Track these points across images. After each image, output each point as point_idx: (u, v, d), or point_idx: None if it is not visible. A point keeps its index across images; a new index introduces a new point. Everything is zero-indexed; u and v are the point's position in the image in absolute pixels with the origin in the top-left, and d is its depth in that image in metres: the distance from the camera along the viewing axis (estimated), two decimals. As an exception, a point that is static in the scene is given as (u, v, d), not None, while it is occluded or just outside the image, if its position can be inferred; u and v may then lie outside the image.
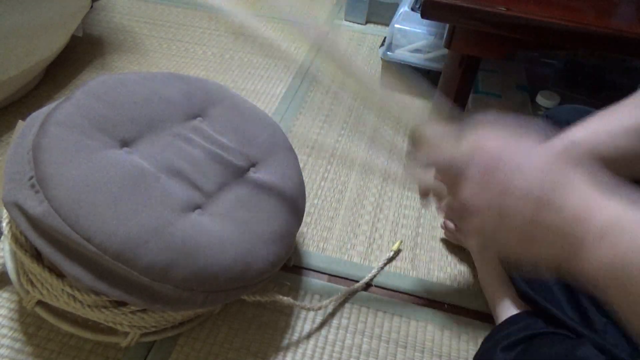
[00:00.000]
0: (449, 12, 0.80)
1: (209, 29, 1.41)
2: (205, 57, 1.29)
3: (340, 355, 0.71)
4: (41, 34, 0.98)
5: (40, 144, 0.58)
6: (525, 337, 0.59)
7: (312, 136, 1.09)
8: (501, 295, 0.71)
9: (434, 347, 0.73)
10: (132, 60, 1.25)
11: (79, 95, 0.65)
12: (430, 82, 1.19)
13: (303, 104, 1.18)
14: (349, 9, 1.50)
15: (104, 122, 0.63)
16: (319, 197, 0.95)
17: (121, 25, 1.39)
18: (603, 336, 0.55)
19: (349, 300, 0.78)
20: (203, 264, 0.57)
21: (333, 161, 1.03)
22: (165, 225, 0.57)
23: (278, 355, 0.70)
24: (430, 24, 1.19)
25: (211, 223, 0.61)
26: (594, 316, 0.56)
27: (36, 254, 0.61)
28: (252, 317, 0.74)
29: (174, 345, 0.69)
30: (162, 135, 0.66)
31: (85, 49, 1.27)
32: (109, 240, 0.54)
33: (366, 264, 0.84)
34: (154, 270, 0.55)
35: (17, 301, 0.72)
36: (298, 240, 0.86)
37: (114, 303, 0.60)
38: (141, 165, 0.61)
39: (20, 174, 0.57)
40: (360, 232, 0.89)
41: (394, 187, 0.98)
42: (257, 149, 0.72)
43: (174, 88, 0.72)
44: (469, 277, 0.83)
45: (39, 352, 0.67)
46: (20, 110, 1.06)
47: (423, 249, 0.87)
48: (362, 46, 1.41)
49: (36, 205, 0.54)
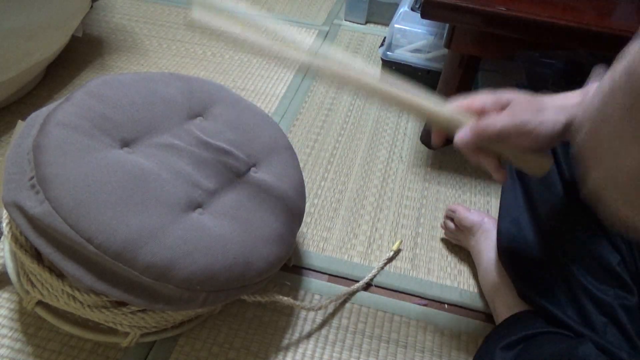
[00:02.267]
0: (449, 12, 0.80)
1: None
2: (205, 57, 1.29)
3: (340, 355, 0.71)
4: (41, 34, 0.98)
5: (40, 144, 0.58)
6: (525, 336, 0.59)
7: (312, 136, 1.09)
8: (501, 295, 0.71)
9: (434, 347, 0.73)
10: (132, 60, 1.25)
11: (79, 95, 0.65)
12: (430, 82, 1.19)
13: (303, 104, 1.18)
14: (349, 9, 1.50)
15: (104, 122, 0.63)
16: (319, 197, 0.95)
17: (121, 25, 1.39)
18: (603, 336, 0.55)
19: (349, 300, 0.78)
20: (203, 263, 0.57)
21: (333, 161, 1.03)
22: (165, 225, 0.57)
23: (278, 355, 0.70)
24: (430, 24, 1.19)
25: (211, 223, 0.61)
26: (594, 316, 0.56)
27: (36, 254, 0.61)
28: (252, 317, 0.74)
29: (174, 345, 0.69)
30: (162, 135, 0.66)
31: (85, 49, 1.27)
32: (110, 240, 0.54)
33: (366, 264, 0.84)
34: (154, 270, 0.55)
35: (17, 301, 0.72)
36: (298, 240, 0.86)
37: (114, 303, 0.60)
38: (141, 165, 0.61)
39: (20, 174, 0.57)
40: (360, 232, 0.89)
41: (394, 187, 0.98)
42: (257, 149, 0.72)
43: (174, 88, 0.72)
44: (469, 277, 0.83)
45: (39, 352, 0.67)
46: (20, 110, 1.06)
47: (423, 249, 0.87)
48: (362, 46, 1.41)
49: (36, 205, 0.54)
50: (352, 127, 1.12)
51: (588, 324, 0.56)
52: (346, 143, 1.08)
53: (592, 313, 0.57)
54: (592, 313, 0.56)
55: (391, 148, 1.08)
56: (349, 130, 1.11)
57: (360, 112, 1.17)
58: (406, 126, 1.14)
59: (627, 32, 0.75)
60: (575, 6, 0.80)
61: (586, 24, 0.75)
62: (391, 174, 1.02)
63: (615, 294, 0.56)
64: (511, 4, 0.78)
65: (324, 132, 1.10)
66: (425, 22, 1.19)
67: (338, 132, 1.11)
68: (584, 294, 0.58)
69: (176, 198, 0.60)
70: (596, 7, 0.81)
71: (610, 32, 0.75)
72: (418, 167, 1.04)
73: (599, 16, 0.78)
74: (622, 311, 0.55)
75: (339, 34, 1.45)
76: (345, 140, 1.09)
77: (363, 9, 1.49)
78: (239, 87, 1.20)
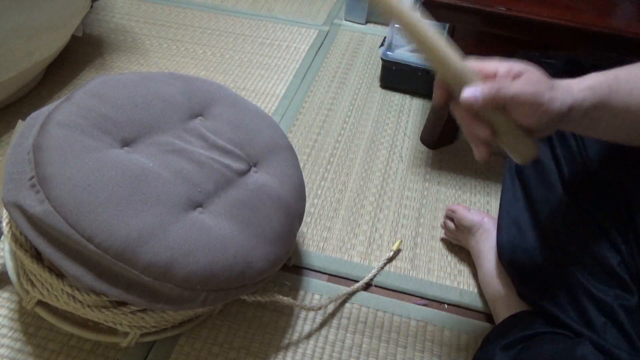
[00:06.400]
0: (449, 12, 0.80)
1: (209, 29, 1.41)
2: (205, 57, 1.29)
3: (340, 355, 0.71)
4: (41, 34, 0.98)
5: (40, 144, 0.58)
6: (524, 336, 0.59)
7: (312, 136, 1.09)
8: (501, 295, 0.71)
9: (434, 347, 0.73)
10: (132, 60, 1.25)
11: (79, 95, 0.65)
12: (430, 82, 1.19)
13: (303, 104, 1.18)
14: (349, 9, 1.50)
15: (104, 122, 0.63)
16: (319, 197, 0.95)
17: (121, 25, 1.39)
18: (603, 336, 0.55)
19: (349, 300, 0.78)
20: (203, 263, 0.57)
21: (333, 161, 1.03)
22: (165, 224, 0.57)
23: (278, 355, 0.70)
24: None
25: (212, 222, 0.61)
26: (593, 316, 0.56)
27: (36, 254, 0.61)
28: (252, 317, 0.74)
29: (174, 345, 0.69)
30: (162, 135, 0.66)
31: (85, 49, 1.27)
32: (110, 239, 0.54)
33: (366, 263, 0.84)
34: (154, 269, 0.55)
35: (17, 301, 0.72)
36: (298, 240, 0.86)
37: (114, 303, 0.60)
38: (142, 165, 0.61)
39: (20, 174, 0.57)
40: (360, 232, 0.89)
41: (394, 187, 0.98)
42: (257, 149, 0.72)
43: (174, 88, 0.72)
44: (469, 277, 0.83)
45: (39, 352, 0.67)
46: (20, 110, 1.06)
47: (423, 249, 0.87)
48: (362, 46, 1.41)
49: (36, 205, 0.54)
50: (352, 127, 1.12)
51: (588, 324, 0.56)
52: (346, 143, 1.08)
53: (592, 313, 0.57)
54: (592, 313, 0.56)
55: (391, 148, 1.08)
56: (349, 130, 1.11)
57: (360, 112, 1.17)
58: (406, 126, 1.14)
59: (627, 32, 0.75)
60: (575, 6, 0.80)
61: (586, 24, 0.75)
62: (391, 174, 1.02)
63: (615, 295, 0.56)
64: (511, 4, 0.78)
65: (324, 132, 1.10)
66: (425, 22, 1.19)
67: (338, 132, 1.11)
68: (584, 295, 0.58)
69: (176, 197, 0.60)
70: (596, 7, 0.81)
71: (610, 32, 0.75)
72: (418, 167, 1.04)
73: (599, 16, 0.78)
74: (622, 311, 0.55)
75: (339, 34, 1.45)
76: (345, 140, 1.09)
77: (363, 9, 1.49)
78: (239, 87, 1.20)
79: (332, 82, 1.26)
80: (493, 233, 0.75)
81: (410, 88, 1.24)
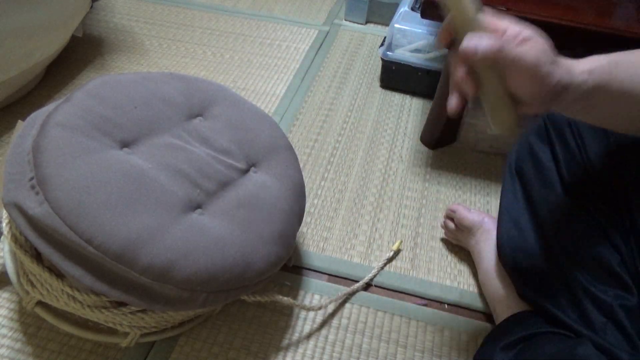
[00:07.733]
0: (449, 12, 0.79)
1: (209, 29, 1.41)
2: (205, 57, 1.29)
3: (340, 355, 0.71)
4: (41, 34, 0.98)
5: (40, 145, 0.58)
6: (524, 336, 0.59)
7: (312, 136, 1.09)
8: (501, 295, 0.71)
9: (434, 347, 0.73)
10: (132, 60, 1.25)
11: (78, 95, 0.65)
12: (430, 82, 1.19)
13: (303, 104, 1.18)
14: (349, 9, 1.50)
15: (104, 122, 0.63)
16: (319, 197, 0.95)
17: (121, 25, 1.39)
18: (603, 336, 0.55)
19: (349, 300, 0.78)
20: (203, 264, 0.57)
21: (333, 161, 1.03)
22: (165, 225, 0.57)
23: (278, 355, 0.70)
24: (430, 23, 1.19)
25: (211, 223, 0.61)
26: (593, 316, 0.56)
27: (36, 254, 0.61)
28: (252, 317, 0.74)
29: (174, 345, 0.69)
30: (162, 136, 0.66)
31: (85, 49, 1.27)
32: (109, 240, 0.54)
33: (366, 264, 0.84)
34: (154, 270, 0.55)
35: (17, 301, 0.72)
36: (298, 240, 0.86)
37: (114, 303, 0.60)
38: (141, 166, 0.61)
39: (20, 174, 0.57)
40: (360, 232, 0.89)
41: (394, 187, 0.98)
42: (257, 149, 0.72)
43: (174, 88, 0.72)
44: (469, 277, 0.83)
45: (39, 352, 0.67)
46: (20, 110, 1.06)
47: (423, 249, 0.87)
48: (362, 46, 1.41)
49: (36, 206, 0.54)
50: (352, 127, 1.12)
51: (588, 324, 0.56)
52: (346, 143, 1.08)
53: (592, 313, 0.56)
54: (592, 313, 0.56)
55: (391, 148, 1.08)
56: (349, 130, 1.11)
57: (360, 112, 1.17)
58: (406, 126, 1.14)
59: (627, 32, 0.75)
60: (575, 6, 0.80)
61: (586, 24, 0.75)
62: (391, 174, 1.01)
63: (615, 294, 0.56)
64: (511, 4, 0.78)
65: (324, 132, 1.10)
66: (425, 22, 1.19)
67: (338, 132, 1.11)
68: (584, 294, 0.58)
69: (176, 198, 0.60)
70: (596, 7, 0.81)
71: (610, 32, 0.75)
72: (418, 167, 1.03)
73: (599, 16, 0.78)
74: (622, 311, 0.55)
75: (339, 34, 1.45)
76: (345, 140, 1.09)
77: (363, 9, 1.49)
78: (239, 87, 1.20)
79: (332, 82, 1.26)
80: (493, 233, 0.75)
81: (410, 88, 1.24)
